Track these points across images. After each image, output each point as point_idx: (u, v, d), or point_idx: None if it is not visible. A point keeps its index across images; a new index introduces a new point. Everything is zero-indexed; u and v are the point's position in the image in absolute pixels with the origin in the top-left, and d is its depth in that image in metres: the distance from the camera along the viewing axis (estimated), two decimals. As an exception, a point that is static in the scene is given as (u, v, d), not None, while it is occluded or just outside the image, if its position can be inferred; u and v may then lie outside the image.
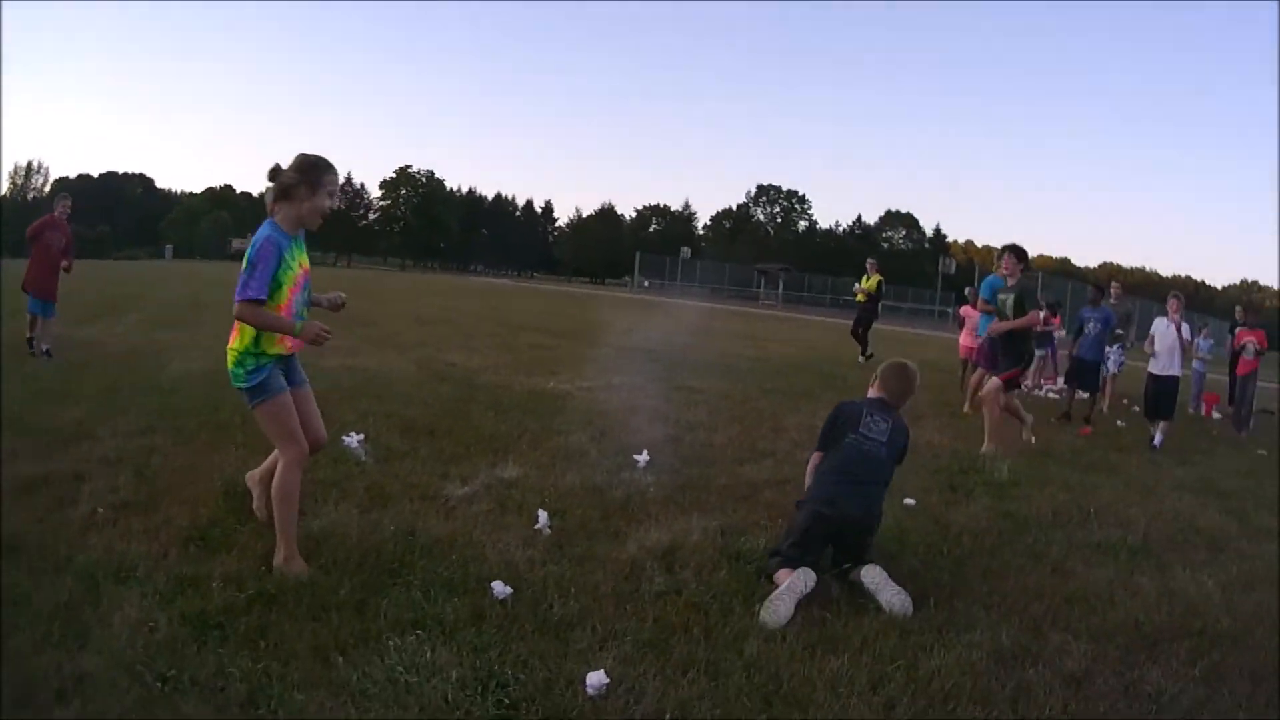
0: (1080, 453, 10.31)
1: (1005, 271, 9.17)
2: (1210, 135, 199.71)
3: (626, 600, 4.55)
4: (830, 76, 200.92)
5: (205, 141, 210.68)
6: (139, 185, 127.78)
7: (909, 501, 6.96)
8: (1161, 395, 11.32)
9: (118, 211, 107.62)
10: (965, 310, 15.38)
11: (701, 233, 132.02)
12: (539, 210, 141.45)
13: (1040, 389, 17.12)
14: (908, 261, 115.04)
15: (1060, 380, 16.66)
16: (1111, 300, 14.78)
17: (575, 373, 13.30)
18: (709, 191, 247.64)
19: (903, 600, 4.77)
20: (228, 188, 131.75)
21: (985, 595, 5.12)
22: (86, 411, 8.20)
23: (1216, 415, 16.45)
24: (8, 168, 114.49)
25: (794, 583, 4.66)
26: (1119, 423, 13.71)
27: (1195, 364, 16.82)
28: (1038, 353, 17.20)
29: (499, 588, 4.44)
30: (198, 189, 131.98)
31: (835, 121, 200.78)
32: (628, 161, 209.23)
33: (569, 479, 6.85)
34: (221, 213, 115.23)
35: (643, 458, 7.48)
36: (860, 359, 19.58)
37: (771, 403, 11.88)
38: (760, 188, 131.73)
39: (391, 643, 3.86)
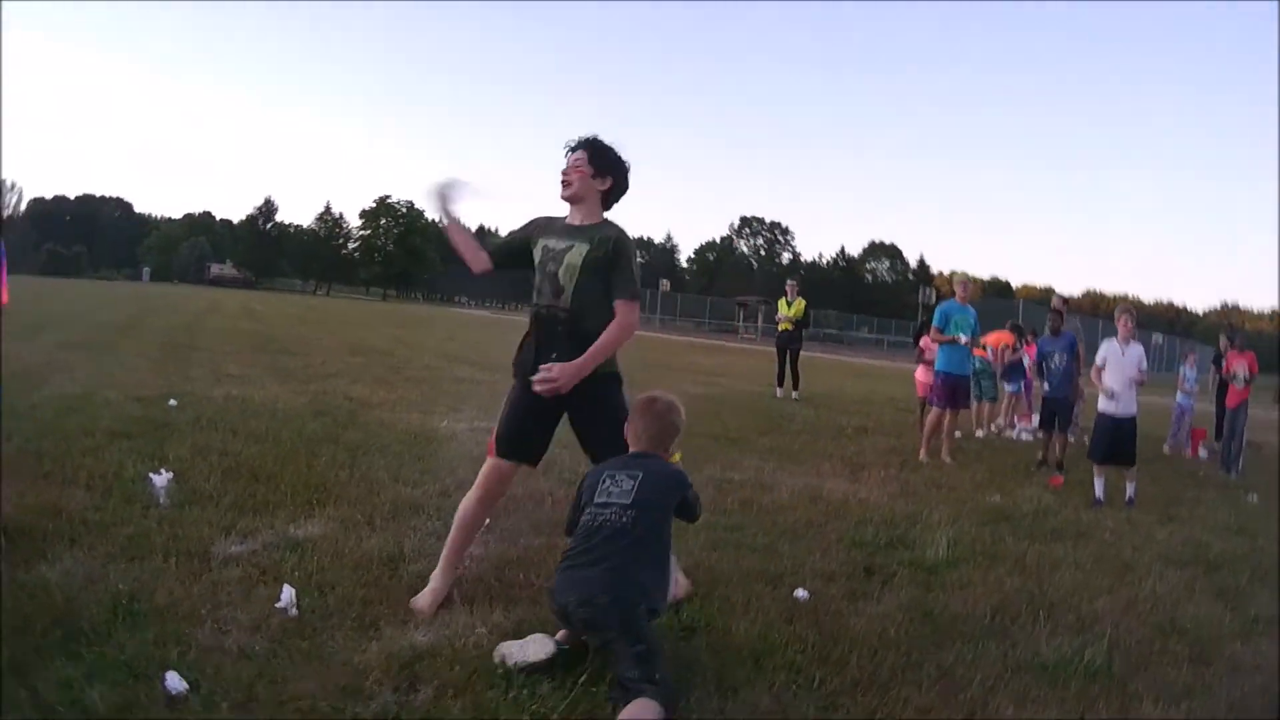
0: (1046, 513, 8.44)
1: (571, 189, 4.83)
2: (1189, 157, 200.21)
3: (317, 726, 3.39)
4: (815, 106, 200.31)
5: (185, 167, 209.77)
6: (117, 208, 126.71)
7: (800, 594, 5.26)
8: (1123, 440, 9.33)
9: (95, 233, 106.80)
10: (925, 342, 13.69)
11: (685, 265, 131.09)
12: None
13: (1014, 430, 15.46)
14: (891, 293, 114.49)
15: (1035, 419, 14.95)
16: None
17: (482, 411, 12.00)
18: (693, 224, 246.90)
19: None
20: (207, 214, 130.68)
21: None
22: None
23: (1203, 453, 14.64)
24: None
25: (526, 645, 3.95)
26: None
27: (1180, 397, 15.10)
28: (1009, 388, 15.62)
29: (172, 681, 3.51)
30: (177, 214, 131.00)
31: (819, 152, 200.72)
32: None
33: (371, 543, 5.61)
34: (200, 238, 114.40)
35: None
36: (794, 395, 18.01)
37: (689, 450, 10.11)
38: (744, 219, 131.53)
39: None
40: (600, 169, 4.81)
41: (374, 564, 5.21)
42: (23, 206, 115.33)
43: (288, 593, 4.47)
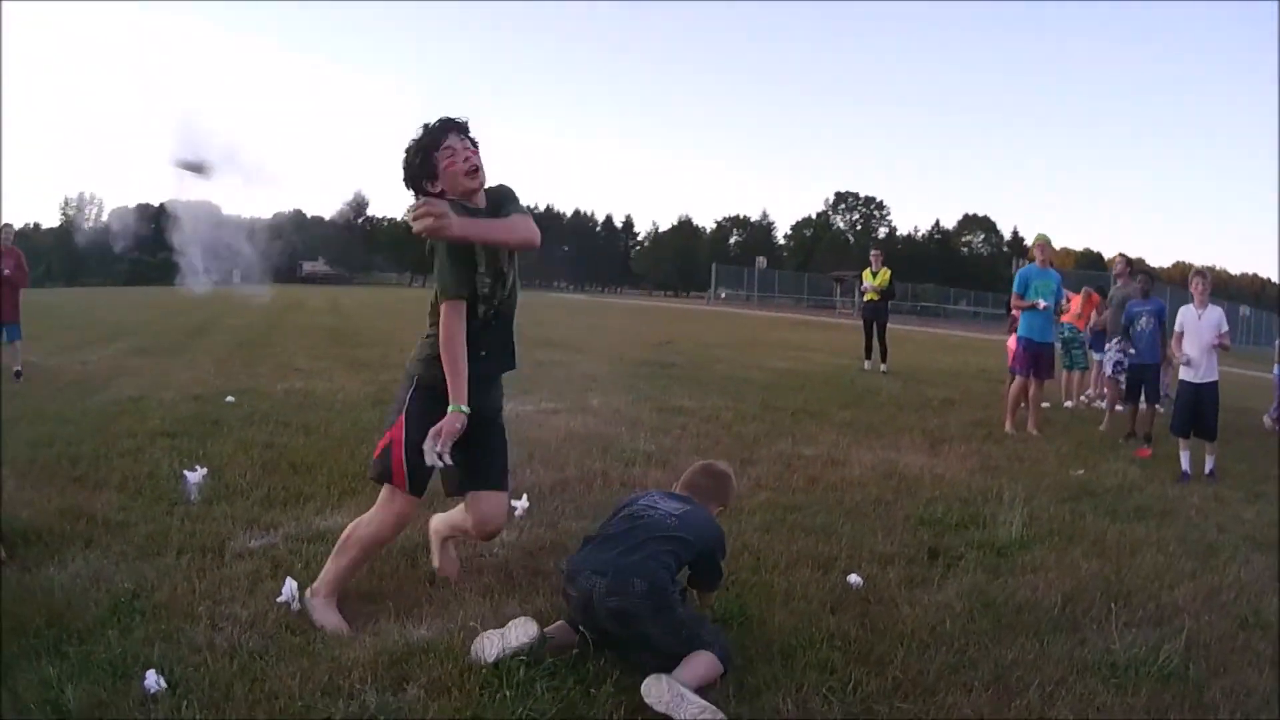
0: (1130, 488, 7.73)
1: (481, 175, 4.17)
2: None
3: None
4: (906, 78, 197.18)
5: (271, 166, 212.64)
6: (204, 211, 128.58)
7: (853, 580, 4.77)
8: (1205, 408, 8.57)
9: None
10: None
11: (782, 242, 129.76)
12: (619, 225, 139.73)
13: (1103, 399, 14.58)
14: (986, 265, 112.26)
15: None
16: (1117, 284, 12.33)
17: (555, 393, 11.86)
18: (788, 200, 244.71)
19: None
20: (297, 212, 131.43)
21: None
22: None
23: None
24: (58, 199, 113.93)
25: (507, 631, 3.57)
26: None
27: (1278, 369, 14.11)
28: (1098, 357, 14.78)
29: (151, 680, 3.36)
30: (266, 214, 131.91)
31: (913, 124, 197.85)
32: (705, 173, 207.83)
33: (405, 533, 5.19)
34: (291, 236, 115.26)
35: (521, 504, 5.88)
36: (882, 367, 17.34)
37: (763, 426, 9.85)
38: (839, 195, 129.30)
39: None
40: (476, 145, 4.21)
41: (393, 555, 4.96)
42: (104, 217, 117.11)
43: (289, 586, 4.26)
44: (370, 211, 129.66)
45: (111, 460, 7.04)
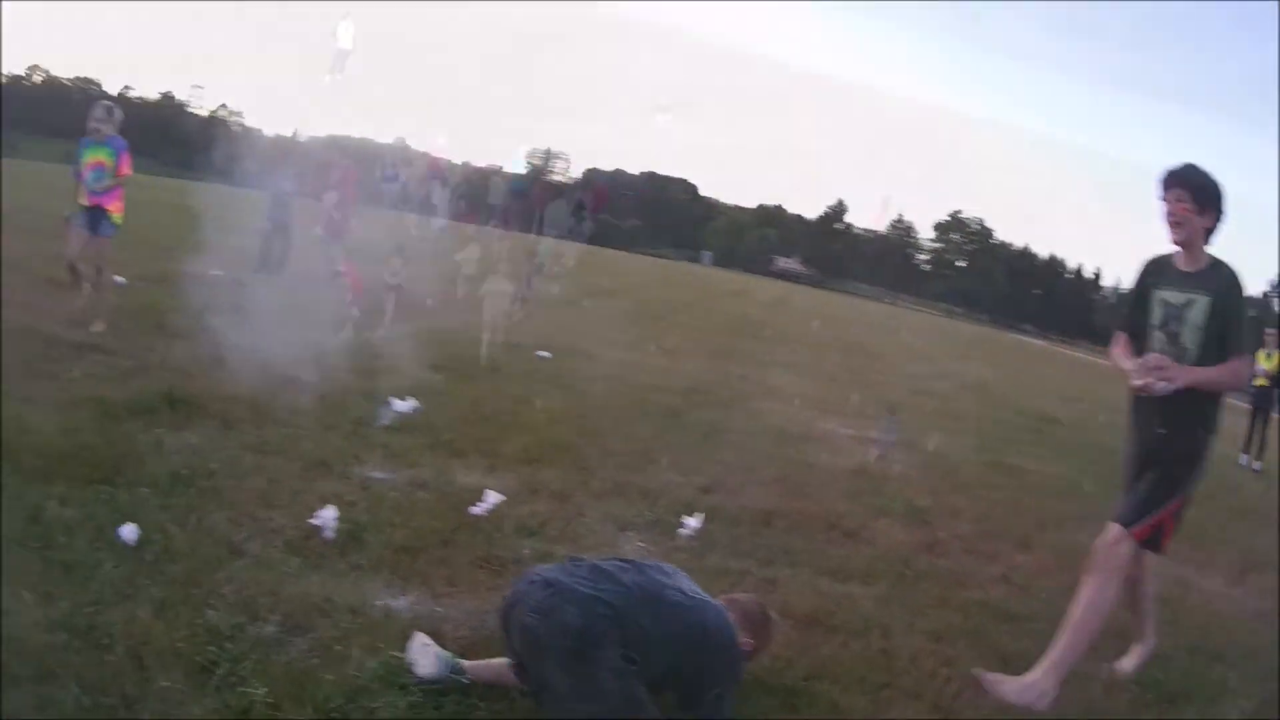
0: None
1: (1183, 232, 4.29)
2: None
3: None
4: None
5: (755, 160, 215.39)
6: (682, 190, 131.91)
7: None
8: None
9: (657, 211, 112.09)
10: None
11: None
12: (1090, 276, 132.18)
13: None
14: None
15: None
16: None
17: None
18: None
19: None
20: (779, 208, 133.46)
21: None
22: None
23: None
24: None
25: (422, 648, 3.16)
26: None
27: None
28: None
29: (128, 530, 3.74)
30: (747, 203, 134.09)
31: None
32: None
33: (519, 510, 5.07)
34: (769, 230, 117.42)
35: (691, 523, 5.23)
36: (1255, 466, 14.46)
37: (1081, 505, 7.87)
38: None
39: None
40: (1203, 204, 4.22)
41: (481, 529, 4.67)
42: (570, 172, 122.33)
43: (328, 514, 4.25)
44: (848, 219, 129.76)
45: (348, 376, 7.43)
